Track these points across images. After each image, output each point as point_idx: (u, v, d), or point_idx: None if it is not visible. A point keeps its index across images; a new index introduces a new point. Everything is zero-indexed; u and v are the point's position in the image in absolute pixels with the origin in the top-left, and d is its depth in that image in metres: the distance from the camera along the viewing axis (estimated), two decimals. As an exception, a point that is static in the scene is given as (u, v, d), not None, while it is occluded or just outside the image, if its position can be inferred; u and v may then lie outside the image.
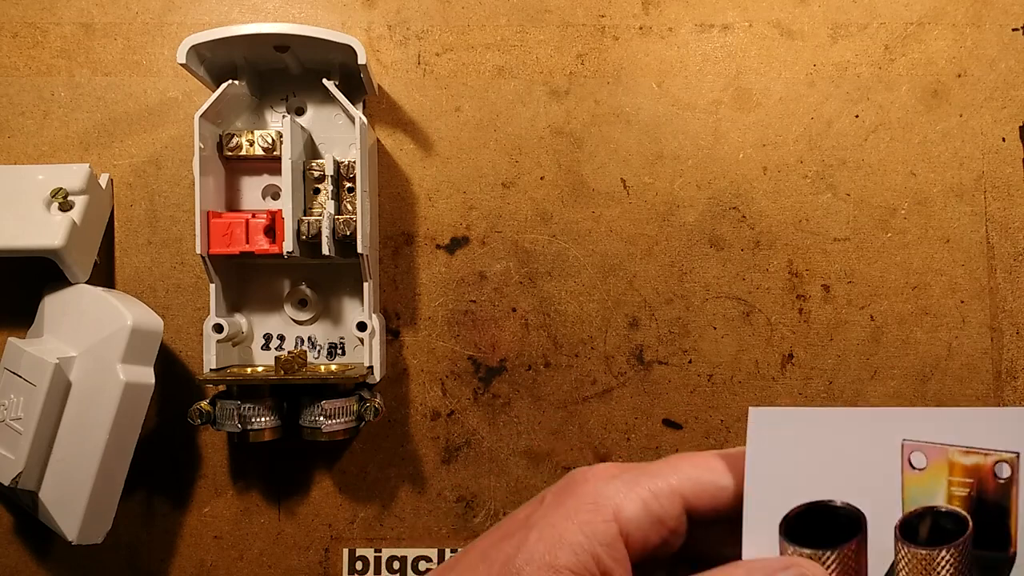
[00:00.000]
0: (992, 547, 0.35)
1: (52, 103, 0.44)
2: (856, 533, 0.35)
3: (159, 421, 0.44)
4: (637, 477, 0.31)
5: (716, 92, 0.44)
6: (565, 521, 0.30)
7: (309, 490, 0.44)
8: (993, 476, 0.35)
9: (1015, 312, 0.44)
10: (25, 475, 0.38)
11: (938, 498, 0.35)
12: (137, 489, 0.43)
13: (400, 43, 0.44)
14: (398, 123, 0.45)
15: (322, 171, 0.41)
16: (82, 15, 0.44)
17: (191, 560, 0.44)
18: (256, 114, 0.43)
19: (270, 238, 0.40)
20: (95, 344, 0.39)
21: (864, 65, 0.44)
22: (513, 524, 0.32)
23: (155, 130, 0.44)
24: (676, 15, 0.44)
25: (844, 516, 0.35)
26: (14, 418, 0.39)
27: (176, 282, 0.44)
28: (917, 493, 0.35)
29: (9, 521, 0.44)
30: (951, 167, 0.44)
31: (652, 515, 0.31)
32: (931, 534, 0.35)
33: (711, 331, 0.44)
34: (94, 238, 0.43)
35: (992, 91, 0.44)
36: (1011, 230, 0.44)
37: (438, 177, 0.44)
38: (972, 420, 0.35)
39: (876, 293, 0.44)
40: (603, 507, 0.31)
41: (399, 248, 0.44)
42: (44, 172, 0.41)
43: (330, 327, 0.43)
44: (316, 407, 0.40)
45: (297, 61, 0.42)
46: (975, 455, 0.35)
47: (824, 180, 0.44)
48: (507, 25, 0.44)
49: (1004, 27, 0.44)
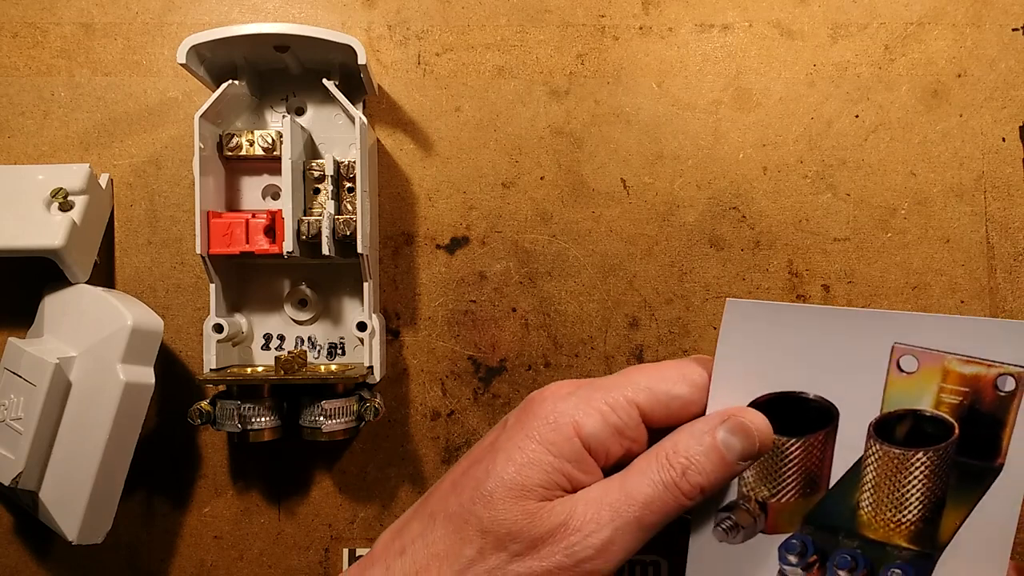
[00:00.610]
0: (979, 456, 0.35)
1: (52, 103, 0.44)
2: (825, 425, 0.35)
3: (159, 421, 0.44)
4: (591, 392, 0.32)
5: (716, 92, 0.44)
6: (529, 442, 0.31)
7: (309, 490, 0.44)
8: (994, 388, 0.34)
9: (1015, 312, 0.44)
10: (25, 475, 0.38)
11: (923, 403, 0.35)
12: (137, 489, 0.44)
13: (400, 43, 0.44)
14: (398, 123, 0.45)
15: (322, 171, 0.41)
16: (82, 15, 0.44)
17: (191, 560, 0.44)
18: (256, 114, 0.43)
19: (270, 238, 0.40)
20: (95, 344, 0.39)
21: (864, 65, 0.44)
22: (480, 451, 0.32)
23: (155, 130, 0.44)
24: (676, 15, 0.44)
25: (815, 408, 0.35)
26: (14, 418, 0.39)
27: (176, 282, 0.44)
28: (900, 396, 0.35)
29: (9, 521, 0.44)
30: (951, 167, 0.44)
31: (611, 427, 0.31)
32: (908, 436, 0.35)
33: (711, 331, 0.44)
34: (94, 238, 0.43)
35: (992, 91, 0.44)
36: (1011, 230, 0.44)
37: (438, 177, 0.44)
38: (978, 329, 0.34)
39: (876, 293, 0.44)
40: (563, 425, 0.31)
41: (399, 248, 0.44)
42: (44, 172, 0.41)
43: (330, 327, 0.43)
44: (316, 407, 0.40)
45: (297, 61, 0.42)
46: (977, 365, 0.34)
47: (824, 180, 0.44)
48: (507, 25, 0.44)
49: (1004, 27, 0.44)
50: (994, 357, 0.34)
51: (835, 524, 0.35)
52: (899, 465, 0.35)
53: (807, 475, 0.35)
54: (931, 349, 0.34)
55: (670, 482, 0.31)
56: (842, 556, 0.35)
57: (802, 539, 0.35)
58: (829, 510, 0.35)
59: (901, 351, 0.34)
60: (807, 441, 0.35)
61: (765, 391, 0.35)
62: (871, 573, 0.35)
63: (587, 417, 0.31)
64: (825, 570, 0.35)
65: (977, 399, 0.35)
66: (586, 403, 0.31)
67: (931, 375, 0.35)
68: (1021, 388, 0.34)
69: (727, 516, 0.35)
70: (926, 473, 0.35)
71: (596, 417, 0.31)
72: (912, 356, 0.34)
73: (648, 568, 0.43)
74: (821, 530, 0.35)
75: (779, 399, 0.35)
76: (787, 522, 0.35)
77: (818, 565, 0.35)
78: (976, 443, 0.35)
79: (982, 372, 0.34)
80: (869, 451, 0.35)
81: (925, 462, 0.35)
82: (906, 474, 0.35)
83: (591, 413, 0.31)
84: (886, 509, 0.35)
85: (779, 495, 0.35)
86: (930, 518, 0.35)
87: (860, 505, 0.35)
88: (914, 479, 0.35)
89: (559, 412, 0.31)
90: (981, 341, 0.34)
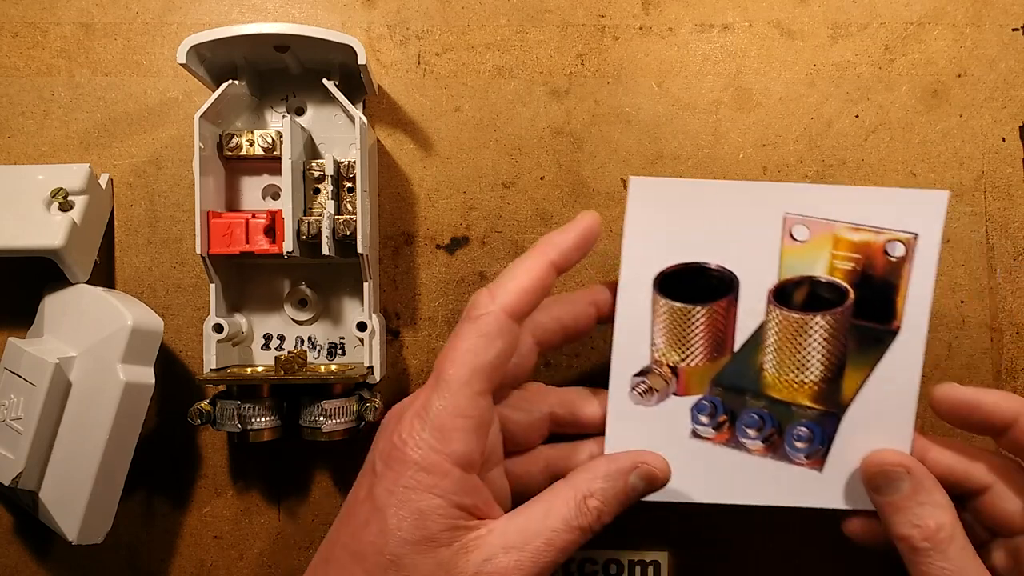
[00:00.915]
0: (876, 320, 0.36)
1: (52, 103, 0.44)
2: (727, 293, 0.37)
3: (159, 421, 0.44)
4: (439, 405, 0.31)
5: (716, 92, 0.44)
6: (410, 492, 0.31)
7: (309, 490, 0.44)
8: (884, 254, 0.36)
9: (1015, 312, 0.44)
10: (25, 475, 0.38)
11: (818, 270, 0.37)
12: (137, 489, 0.44)
13: (400, 43, 0.44)
14: (398, 123, 0.45)
15: (322, 171, 0.41)
16: (82, 15, 0.44)
17: (191, 560, 0.44)
18: (256, 114, 0.43)
19: (270, 238, 0.40)
20: (95, 344, 0.39)
21: (864, 65, 0.44)
22: (361, 509, 0.32)
23: (155, 130, 0.44)
24: (676, 15, 0.44)
25: (717, 277, 0.37)
26: (14, 418, 0.39)
27: (176, 282, 0.44)
28: (795, 263, 0.37)
29: (9, 521, 0.44)
30: (951, 167, 0.44)
31: (477, 431, 0.32)
32: (807, 302, 0.37)
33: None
34: (94, 238, 0.43)
35: (992, 91, 0.44)
36: (1011, 230, 0.44)
37: (438, 177, 0.44)
38: (865, 199, 0.36)
39: (876, 293, 0.44)
40: (434, 462, 0.31)
41: (399, 248, 0.44)
42: (44, 172, 0.41)
43: (330, 327, 0.43)
44: (316, 407, 0.40)
45: (297, 61, 0.42)
46: (865, 232, 0.36)
47: (824, 180, 0.44)
48: (507, 25, 0.44)
49: (1004, 27, 0.44)
50: (882, 224, 0.36)
51: (741, 385, 0.37)
52: (798, 329, 0.37)
53: (713, 340, 0.37)
54: (821, 218, 0.36)
55: (586, 526, 0.32)
56: (750, 415, 0.37)
57: (712, 400, 0.37)
58: (735, 372, 0.37)
59: (792, 221, 0.36)
60: (711, 308, 0.37)
61: (671, 263, 0.37)
62: (778, 431, 0.37)
63: (452, 441, 0.31)
64: (735, 429, 0.37)
65: (869, 265, 0.36)
66: (442, 424, 0.31)
67: (822, 243, 0.36)
68: (910, 253, 0.36)
69: (642, 380, 0.37)
70: (824, 336, 0.37)
71: (459, 435, 0.31)
72: (803, 225, 0.36)
73: (648, 568, 0.43)
74: (729, 391, 0.37)
75: (684, 270, 0.37)
76: (697, 385, 0.37)
77: (728, 424, 0.37)
78: (872, 307, 0.36)
79: (871, 239, 0.36)
80: (770, 316, 0.37)
81: (823, 325, 0.36)
82: (805, 337, 0.37)
83: (454, 434, 0.31)
84: (788, 370, 0.37)
85: (688, 359, 0.37)
86: (832, 379, 0.37)
87: (764, 367, 0.37)
88: (813, 341, 0.37)
89: (423, 447, 0.31)
90: (868, 209, 0.36)
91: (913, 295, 0.36)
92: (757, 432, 0.37)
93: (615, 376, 0.37)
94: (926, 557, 0.33)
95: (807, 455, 0.37)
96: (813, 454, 0.37)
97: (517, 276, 0.33)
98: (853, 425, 0.36)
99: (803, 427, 0.36)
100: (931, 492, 0.34)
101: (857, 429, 0.36)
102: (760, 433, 0.37)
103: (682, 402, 0.37)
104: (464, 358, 0.31)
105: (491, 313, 0.32)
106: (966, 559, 0.32)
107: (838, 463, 0.36)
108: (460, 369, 0.31)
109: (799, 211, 0.36)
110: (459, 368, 0.31)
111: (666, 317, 0.37)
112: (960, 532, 0.33)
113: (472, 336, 0.32)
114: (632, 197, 0.37)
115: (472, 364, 0.31)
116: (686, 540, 0.44)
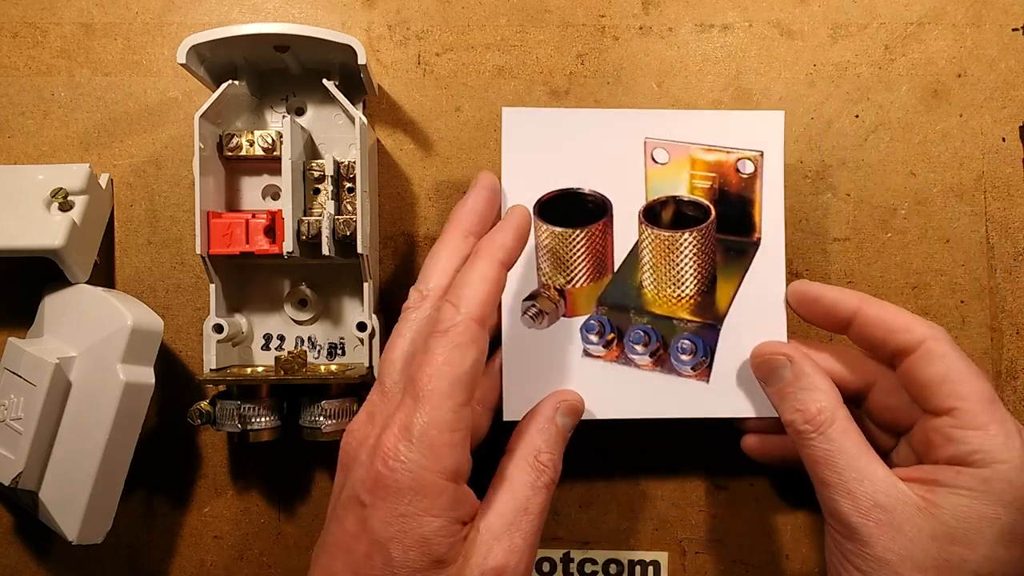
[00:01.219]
0: (738, 233, 0.40)
1: (52, 103, 0.44)
2: (602, 216, 0.40)
3: (159, 421, 0.44)
4: (417, 423, 0.31)
5: (716, 92, 0.44)
6: (410, 521, 0.31)
7: (309, 490, 0.44)
8: (736, 171, 0.40)
9: (1015, 312, 0.44)
10: (25, 475, 0.38)
11: (680, 189, 0.40)
12: (137, 489, 0.44)
13: (400, 43, 0.44)
14: (398, 123, 0.45)
15: (322, 171, 0.41)
16: (82, 15, 0.44)
17: (191, 560, 0.44)
18: (256, 114, 0.43)
19: (270, 238, 0.40)
20: (95, 344, 0.39)
21: (864, 65, 0.44)
22: (358, 544, 0.31)
23: (155, 130, 0.44)
24: (676, 15, 0.44)
25: (591, 201, 0.40)
26: (14, 418, 0.39)
27: (176, 282, 0.44)
28: (659, 184, 0.40)
29: (9, 521, 0.44)
30: (951, 167, 0.44)
31: (465, 440, 0.32)
32: (675, 220, 0.40)
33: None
34: (94, 238, 0.43)
35: (992, 91, 0.44)
36: (1011, 230, 0.44)
37: (438, 177, 0.44)
38: (714, 122, 0.40)
39: (876, 293, 0.44)
40: (430, 483, 0.31)
41: (399, 248, 0.44)
42: (44, 172, 0.41)
43: (330, 327, 0.43)
44: (316, 407, 0.40)
45: (297, 61, 0.42)
46: (718, 152, 0.40)
47: (824, 180, 0.44)
48: (507, 25, 0.44)
49: (1004, 27, 0.44)
50: (731, 144, 0.40)
51: (625, 303, 0.40)
52: (669, 246, 0.39)
53: (594, 261, 0.40)
54: (677, 141, 0.39)
55: (548, 481, 0.35)
56: (636, 332, 0.39)
57: (599, 319, 0.39)
58: (618, 291, 0.40)
59: (652, 145, 0.40)
60: (589, 231, 0.39)
61: (548, 190, 0.40)
62: (663, 346, 0.39)
63: (443, 457, 0.31)
64: (623, 347, 0.39)
65: (724, 183, 0.40)
66: (430, 441, 0.31)
67: (681, 165, 0.40)
68: (759, 170, 0.39)
69: (531, 304, 0.39)
70: (694, 251, 0.39)
71: (448, 449, 0.31)
72: (663, 149, 0.40)
73: (648, 568, 0.43)
74: (614, 310, 0.40)
75: (561, 196, 0.40)
76: (584, 305, 0.40)
77: (616, 342, 0.39)
78: (732, 222, 0.40)
79: (723, 159, 0.40)
80: (643, 236, 0.40)
81: (691, 241, 0.39)
82: (677, 254, 0.39)
83: (443, 450, 0.31)
84: (666, 286, 0.40)
85: (573, 281, 0.40)
86: (706, 291, 0.40)
87: (643, 285, 0.40)
88: (684, 257, 0.39)
89: (415, 469, 0.31)
90: (718, 131, 0.40)
91: (767, 208, 0.39)
92: (644, 347, 0.39)
93: (507, 303, 0.39)
94: (809, 439, 0.34)
95: (693, 367, 0.39)
96: (698, 365, 0.39)
97: (474, 284, 0.33)
98: (732, 334, 0.39)
99: (686, 340, 0.39)
100: (812, 377, 0.36)
101: (736, 338, 0.39)
102: (647, 348, 0.39)
103: (572, 323, 0.40)
104: (441, 371, 0.31)
105: (460, 323, 0.32)
106: (847, 440, 0.34)
107: (723, 373, 0.39)
108: (439, 383, 0.31)
109: (658, 135, 0.39)
110: (438, 382, 0.31)
111: (548, 242, 0.40)
112: (843, 415, 0.34)
113: (445, 349, 0.32)
114: (506, 128, 0.39)
115: (450, 376, 0.31)
116: (686, 540, 0.44)
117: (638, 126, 0.40)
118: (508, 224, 0.36)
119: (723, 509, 0.44)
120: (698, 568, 0.44)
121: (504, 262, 0.34)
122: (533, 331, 0.39)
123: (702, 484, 0.44)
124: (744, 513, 0.44)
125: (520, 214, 0.37)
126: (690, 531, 0.44)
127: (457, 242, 0.37)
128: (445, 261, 0.36)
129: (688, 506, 0.44)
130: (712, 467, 0.44)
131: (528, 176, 0.39)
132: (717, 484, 0.44)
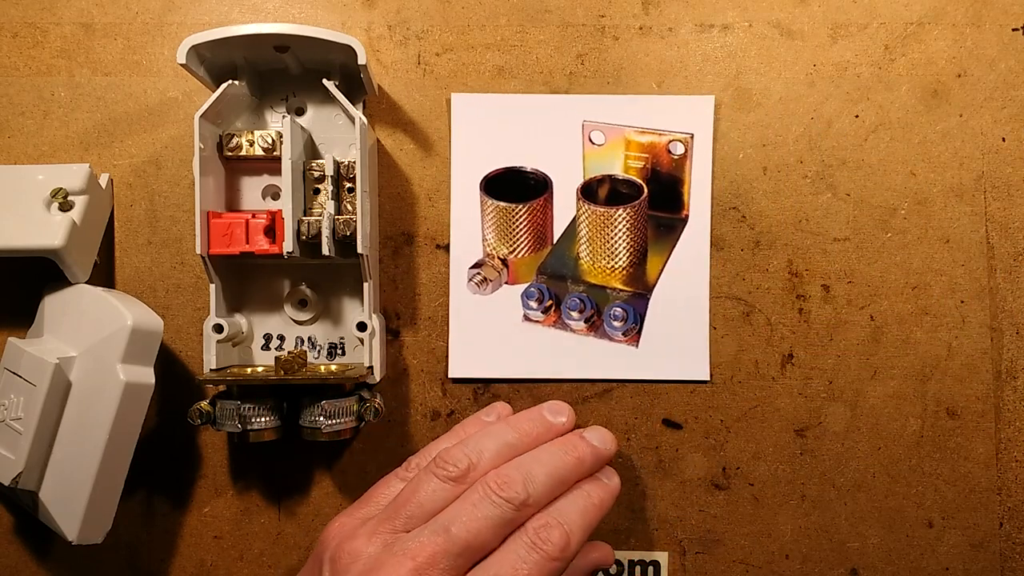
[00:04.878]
0: (668, 210, 0.43)
1: (52, 103, 0.44)
2: (543, 192, 0.43)
3: (159, 421, 0.44)
4: (379, 525, 0.33)
5: (716, 92, 0.44)
6: None
7: (309, 490, 0.44)
8: (667, 152, 0.43)
9: (1015, 312, 0.44)
10: (25, 475, 0.38)
11: (615, 169, 0.43)
12: (137, 489, 0.44)
13: (400, 43, 0.44)
14: (398, 123, 0.45)
15: (322, 171, 0.41)
16: (82, 15, 0.44)
17: (191, 560, 0.44)
18: (256, 114, 0.43)
19: (270, 238, 0.40)
20: (95, 344, 0.39)
21: (864, 65, 0.44)
22: None
23: (155, 130, 0.44)
24: (676, 15, 0.44)
25: (533, 179, 0.43)
26: (14, 418, 0.39)
27: (176, 282, 0.44)
28: (596, 164, 0.43)
29: (9, 521, 0.44)
30: (951, 167, 0.44)
31: None
32: (610, 197, 0.43)
33: (711, 331, 0.44)
34: (94, 238, 0.43)
35: (992, 91, 0.44)
36: (1011, 230, 0.44)
37: (438, 177, 0.44)
38: (648, 106, 0.43)
39: (876, 293, 0.44)
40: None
41: (399, 248, 0.44)
42: (44, 172, 0.41)
43: (330, 327, 0.43)
44: (316, 407, 0.40)
45: (297, 61, 0.42)
46: (651, 134, 0.43)
47: (824, 180, 0.44)
48: (507, 25, 0.44)
49: (1004, 27, 0.44)
50: (663, 127, 0.43)
51: (562, 273, 0.43)
52: (605, 221, 0.43)
53: (535, 233, 0.43)
54: (613, 124, 0.43)
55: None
56: (572, 299, 0.43)
57: (538, 287, 0.43)
58: (556, 261, 0.44)
59: (590, 127, 0.43)
60: (530, 206, 0.43)
61: (494, 168, 0.43)
62: (597, 313, 0.43)
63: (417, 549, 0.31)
64: (560, 313, 0.43)
65: (657, 163, 0.43)
66: (393, 546, 0.31)
67: (616, 146, 0.43)
68: (689, 151, 0.43)
69: (477, 272, 0.43)
70: (627, 226, 0.43)
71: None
72: (599, 131, 0.43)
73: (648, 568, 0.43)
74: (552, 278, 0.43)
75: (505, 173, 0.43)
76: (525, 274, 0.44)
77: (554, 308, 0.43)
78: (663, 199, 0.43)
79: (656, 140, 0.43)
80: (580, 211, 0.43)
81: (625, 217, 0.43)
82: (611, 228, 0.43)
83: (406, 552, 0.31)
84: (600, 258, 0.43)
85: (515, 251, 0.43)
86: (638, 263, 0.43)
87: (580, 256, 0.43)
88: (618, 231, 0.43)
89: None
90: (651, 115, 0.43)
91: (696, 187, 0.43)
92: (579, 314, 0.43)
93: (455, 272, 0.43)
94: None
95: (624, 332, 0.43)
96: (629, 331, 0.43)
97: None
98: (660, 303, 0.43)
99: (618, 307, 0.43)
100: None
101: (664, 307, 0.43)
102: (582, 315, 0.43)
103: (514, 290, 0.43)
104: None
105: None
106: None
107: (651, 339, 0.43)
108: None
109: (595, 118, 0.43)
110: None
111: (493, 215, 0.43)
112: None
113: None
114: (455, 112, 0.43)
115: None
116: (686, 540, 0.44)
117: (577, 110, 0.43)
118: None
119: (723, 509, 0.44)
120: (698, 568, 0.44)
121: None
122: (478, 297, 0.43)
123: (702, 484, 0.44)
124: (744, 513, 0.44)
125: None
126: (690, 531, 0.44)
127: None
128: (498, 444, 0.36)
129: (688, 506, 0.44)
130: (712, 467, 0.44)
131: (476, 155, 0.43)
132: (717, 484, 0.44)
